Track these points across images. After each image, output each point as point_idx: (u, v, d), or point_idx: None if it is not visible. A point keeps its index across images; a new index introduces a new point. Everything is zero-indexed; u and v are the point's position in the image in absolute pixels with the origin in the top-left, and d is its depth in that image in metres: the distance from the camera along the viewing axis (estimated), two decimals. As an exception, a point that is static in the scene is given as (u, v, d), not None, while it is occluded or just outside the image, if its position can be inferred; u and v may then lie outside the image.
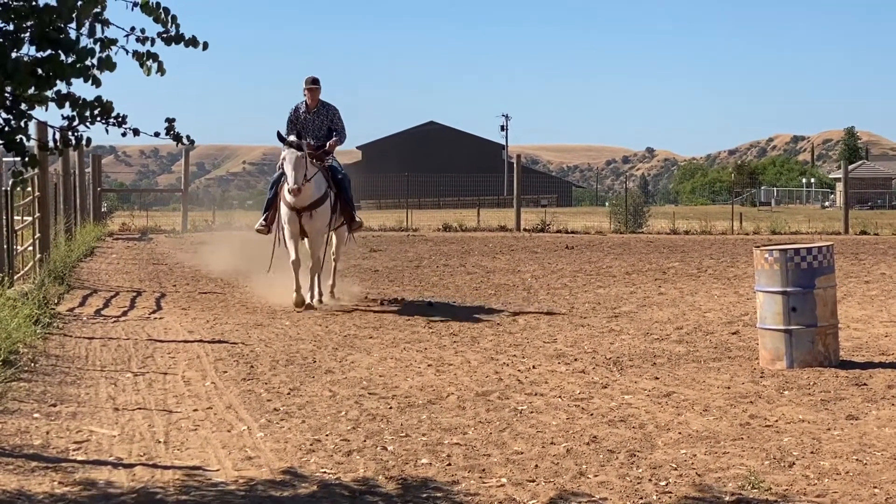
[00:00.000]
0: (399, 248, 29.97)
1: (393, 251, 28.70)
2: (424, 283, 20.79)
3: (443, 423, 9.29)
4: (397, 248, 29.52)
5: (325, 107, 17.46)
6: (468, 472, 7.82)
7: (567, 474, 7.75)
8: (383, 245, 30.68)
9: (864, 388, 10.74)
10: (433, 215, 45.74)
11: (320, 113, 17.40)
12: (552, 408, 9.93)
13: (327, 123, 17.41)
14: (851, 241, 33.04)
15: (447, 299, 18.32)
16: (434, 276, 22.06)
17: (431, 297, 18.47)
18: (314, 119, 17.36)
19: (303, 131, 16.99)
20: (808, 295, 11.89)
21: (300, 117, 17.34)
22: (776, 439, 8.66)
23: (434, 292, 19.33)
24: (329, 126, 17.39)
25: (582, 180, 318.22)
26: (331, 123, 17.41)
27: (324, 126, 17.40)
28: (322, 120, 17.40)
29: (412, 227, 39.14)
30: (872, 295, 18.68)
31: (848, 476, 7.60)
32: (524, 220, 38.18)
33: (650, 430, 9.05)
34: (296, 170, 16.26)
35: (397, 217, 41.64)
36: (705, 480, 7.55)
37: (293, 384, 11.01)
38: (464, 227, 37.82)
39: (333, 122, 17.42)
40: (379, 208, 66.82)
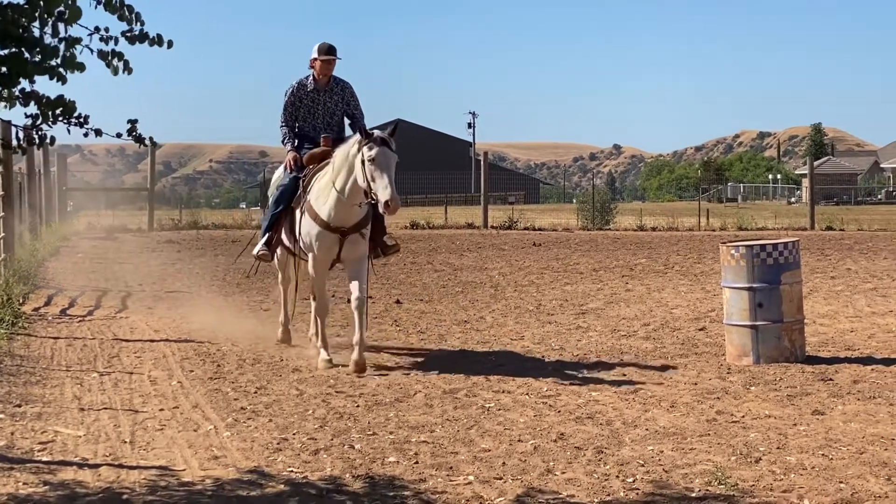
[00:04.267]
0: (366, 245, 29.86)
1: (360, 249, 28.60)
2: (392, 281, 20.76)
3: (410, 421, 9.27)
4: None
5: (339, 84, 12.75)
6: (435, 469, 7.80)
7: (534, 471, 7.74)
8: (351, 243, 30.61)
9: (829, 384, 10.78)
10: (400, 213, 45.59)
11: (334, 92, 12.69)
12: (520, 405, 9.93)
13: (342, 106, 12.80)
14: (817, 237, 33.20)
15: (415, 297, 18.30)
16: (401, 274, 22.04)
17: (399, 295, 18.44)
18: (326, 100, 12.69)
19: (309, 116, 12.74)
20: (774, 291, 11.94)
21: (306, 98, 12.67)
22: (743, 435, 8.69)
23: (401, 290, 19.31)
24: (345, 110, 12.85)
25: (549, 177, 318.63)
26: (346, 107, 12.80)
27: (338, 110, 12.80)
28: (336, 102, 12.74)
29: (380, 225, 38.98)
30: (838, 290, 18.78)
31: (814, 471, 7.63)
32: (491, 217, 38.20)
33: (617, 426, 9.06)
34: (392, 175, 11.30)
35: (365, 215, 41.52)
36: (672, 477, 7.56)
37: (260, 383, 10.98)
38: (431, 224, 37.81)
39: (350, 104, 12.80)
40: (346, 206, 66.63)
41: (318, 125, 12.74)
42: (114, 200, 50.85)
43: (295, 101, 12.71)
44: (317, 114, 12.75)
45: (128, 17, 6.59)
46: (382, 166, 11.20)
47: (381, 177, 11.16)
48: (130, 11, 6.59)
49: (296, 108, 12.73)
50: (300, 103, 12.71)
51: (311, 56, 12.60)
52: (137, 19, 6.63)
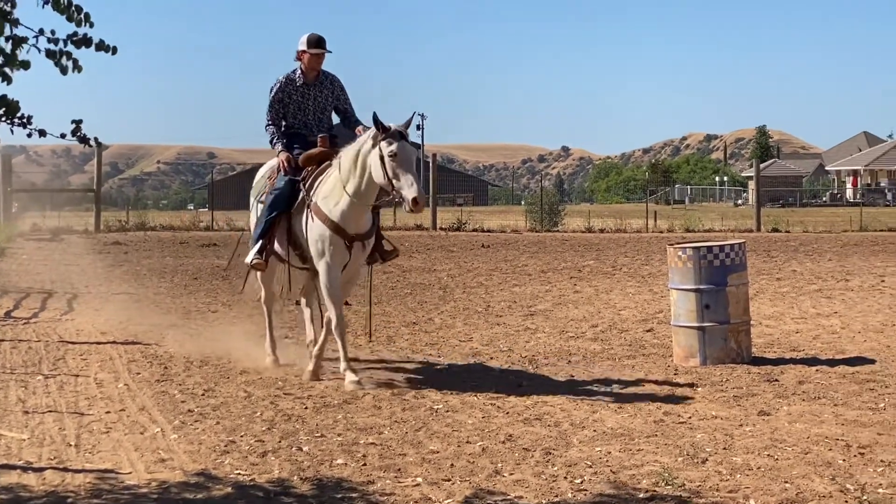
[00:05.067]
0: (315, 247, 29.81)
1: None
2: (340, 283, 20.68)
3: (358, 423, 9.25)
4: (313, 248, 29.36)
5: (328, 78, 11.89)
6: (384, 471, 7.79)
7: (482, 473, 7.74)
8: (299, 245, 30.55)
9: (775, 384, 10.86)
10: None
11: (323, 86, 11.84)
12: (468, 406, 9.93)
13: (332, 101, 11.96)
14: (763, 239, 33.45)
15: (365, 300, 18.25)
16: (350, 276, 21.96)
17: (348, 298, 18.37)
18: (316, 95, 11.83)
19: (299, 113, 11.86)
20: (720, 292, 12.01)
21: (295, 93, 11.77)
22: (689, 436, 8.73)
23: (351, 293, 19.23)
24: (335, 105, 12.03)
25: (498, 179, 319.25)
26: (337, 101, 11.97)
27: (328, 106, 11.96)
28: (326, 96, 11.89)
29: (328, 227, 38.95)
30: (784, 292, 18.92)
31: (760, 471, 7.67)
32: (440, 218, 38.24)
33: (565, 427, 9.08)
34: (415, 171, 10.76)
35: (313, 216, 41.45)
36: (620, 478, 7.59)
37: (208, 385, 10.92)
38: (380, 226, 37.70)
39: (340, 99, 11.98)
40: (295, 208, 66.53)
41: (309, 122, 11.85)
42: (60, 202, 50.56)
43: (283, 98, 11.75)
44: (307, 110, 11.84)
45: (77, 18, 6.52)
46: (405, 162, 10.56)
47: (405, 173, 10.51)
48: (79, 12, 6.52)
49: (284, 106, 11.79)
50: (289, 100, 11.77)
51: (298, 48, 11.66)
52: (87, 20, 6.56)
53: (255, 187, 12.36)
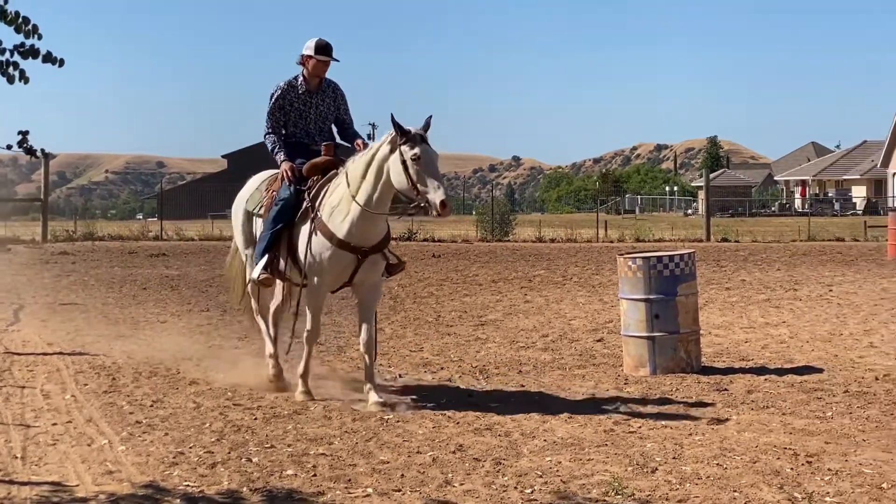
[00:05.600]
0: (265, 257, 29.70)
1: (259, 261, 28.44)
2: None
3: (308, 434, 9.22)
4: (263, 258, 29.25)
5: (330, 86, 11.35)
6: (334, 482, 7.76)
7: (433, 483, 7.73)
8: (249, 254, 30.42)
9: (724, 394, 10.91)
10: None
11: (325, 94, 11.30)
12: (419, 416, 9.92)
13: (333, 110, 11.40)
14: (713, 249, 33.64)
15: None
16: (300, 286, 21.91)
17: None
18: (318, 104, 11.27)
19: (301, 121, 11.28)
20: (670, 302, 12.06)
21: (297, 101, 11.21)
22: (639, 445, 8.75)
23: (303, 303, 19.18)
24: (337, 116, 11.46)
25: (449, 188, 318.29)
26: (338, 112, 11.42)
27: (330, 114, 11.39)
28: (328, 105, 11.33)
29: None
30: (733, 301, 19.02)
31: (709, 481, 7.70)
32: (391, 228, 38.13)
33: (516, 437, 9.08)
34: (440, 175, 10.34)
35: (263, 226, 41.30)
36: (570, 487, 7.59)
37: (156, 396, 10.85)
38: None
39: (341, 108, 11.44)
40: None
41: (310, 131, 11.28)
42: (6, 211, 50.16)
43: (284, 105, 11.17)
44: (308, 118, 11.27)
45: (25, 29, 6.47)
46: (429, 164, 10.08)
47: (429, 176, 10.03)
48: (27, 23, 6.47)
49: (285, 113, 11.20)
50: (290, 107, 11.20)
51: (303, 53, 11.09)
52: (35, 32, 6.51)
53: (250, 199, 11.63)
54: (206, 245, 37.27)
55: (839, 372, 12.05)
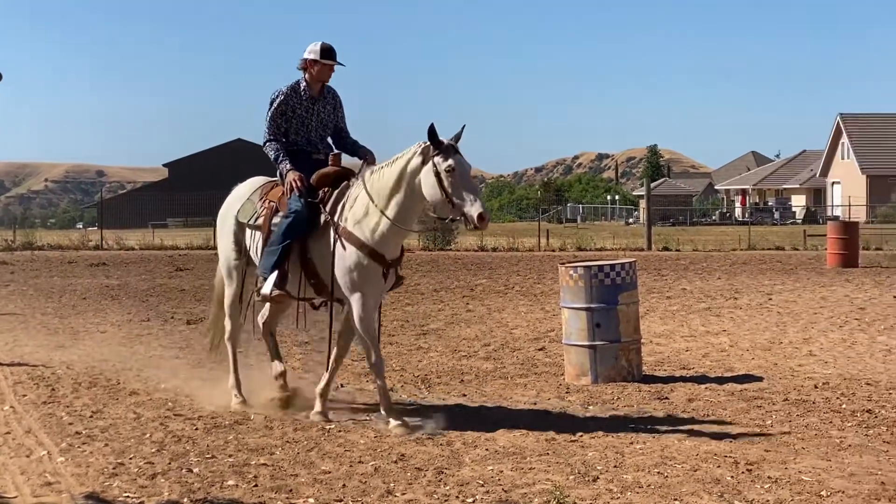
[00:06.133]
0: (207, 266, 29.57)
1: (200, 270, 28.38)
2: (232, 302, 20.54)
3: (250, 444, 9.18)
4: (205, 267, 29.15)
5: (331, 92, 10.82)
6: (275, 492, 7.73)
7: (374, 493, 7.72)
8: (190, 264, 30.34)
9: (665, 402, 10.97)
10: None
11: (326, 101, 10.76)
12: (360, 426, 9.90)
13: (334, 118, 10.86)
14: (654, 258, 33.81)
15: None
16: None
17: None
18: (319, 110, 10.71)
19: (302, 129, 10.70)
20: (611, 311, 12.11)
21: (300, 107, 10.63)
22: (581, 454, 8.77)
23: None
24: (336, 124, 10.93)
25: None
26: (337, 120, 10.90)
27: (330, 122, 10.84)
28: (329, 112, 10.79)
29: (220, 246, 38.70)
30: (674, 310, 19.13)
31: (650, 489, 7.73)
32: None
33: (458, 446, 9.09)
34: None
35: (205, 235, 41.20)
36: (511, 496, 7.60)
37: (96, 406, 10.77)
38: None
39: (339, 116, 10.91)
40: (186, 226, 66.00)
41: (312, 139, 10.71)
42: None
43: (286, 111, 10.57)
44: (310, 126, 10.68)
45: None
46: (465, 177, 9.66)
47: (465, 189, 9.57)
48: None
49: (286, 119, 10.59)
50: (292, 113, 10.59)
51: (305, 57, 10.56)
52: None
53: (242, 210, 10.93)
54: (147, 254, 37.09)
55: (779, 380, 12.14)
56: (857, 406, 10.76)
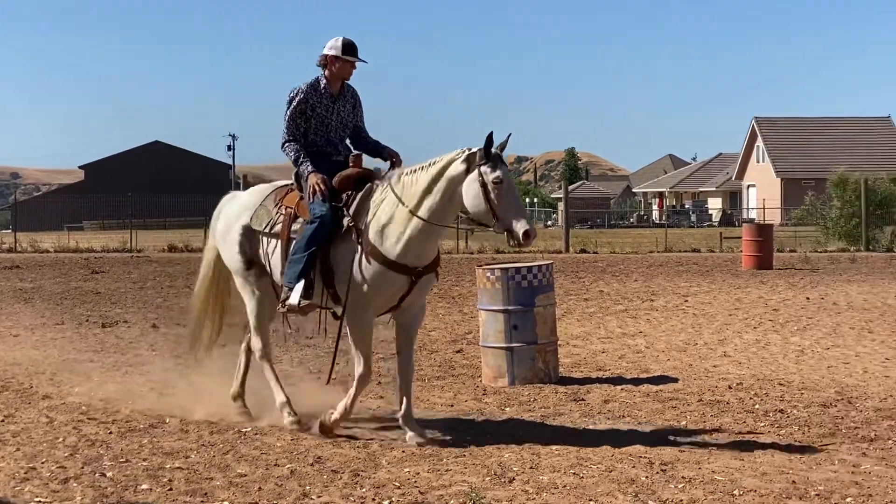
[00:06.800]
0: (123, 269, 29.41)
1: (116, 273, 28.13)
2: (149, 305, 20.41)
3: (165, 447, 9.11)
4: (121, 270, 28.96)
5: (350, 90, 10.23)
6: (190, 496, 7.68)
7: (291, 496, 7.69)
8: (106, 266, 30.06)
9: (581, 404, 11.02)
10: (159, 236, 45.06)
11: (346, 101, 10.18)
12: (277, 429, 9.86)
13: (353, 118, 10.27)
14: (572, 260, 33.99)
15: (172, 321, 18.00)
16: (159, 298, 21.69)
17: (156, 320, 18.13)
18: (339, 109, 10.13)
19: (322, 129, 10.10)
20: (528, 313, 12.15)
21: (319, 105, 10.02)
22: (497, 455, 8.80)
23: (158, 314, 18.99)
24: (355, 124, 10.34)
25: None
26: (357, 119, 10.31)
27: (349, 122, 10.24)
28: (349, 111, 10.20)
29: (136, 249, 38.47)
30: (591, 312, 19.23)
31: (566, 490, 7.77)
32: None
33: (374, 449, 9.08)
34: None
35: (121, 238, 40.90)
36: (428, 498, 7.61)
37: (7, 411, 10.63)
38: (190, 247, 37.33)
39: (359, 115, 10.33)
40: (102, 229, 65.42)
41: (332, 139, 10.11)
42: None
43: (306, 110, 9.96)
44: (330, 125, 10.07)
45: None
46: (512, 190, 9.18)
47: (511, 202, 9.09)
48: None
49: (306, 119, 9.98)
50: (312, 112, 9.98)
51: (325, 53, 9.98)
52: None
53: (255, 216, 10.27)
54: (62, 257, 36.69)
55: (693, 381, 12.25)
56: (769, 406, 10.90)
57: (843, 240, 41.50)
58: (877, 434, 9.78)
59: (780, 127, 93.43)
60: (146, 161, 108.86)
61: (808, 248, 39.11)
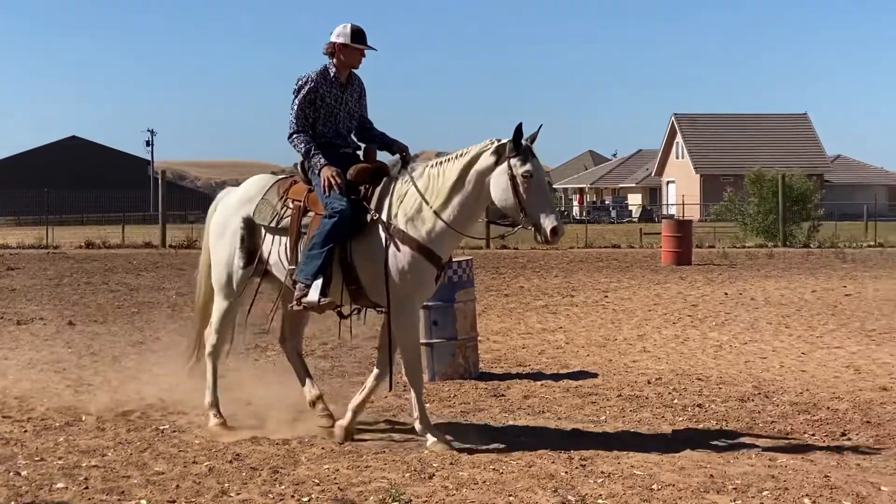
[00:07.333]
0: (38, 265, 29.05)
1: (32, 269, 27.79)
2: (65, 302, 20.17)
3: (81, 446, 9.01)
4: (37, 266, 28.60)
5: (357, 81, 9.80)
6: (106, 494, 7.59)
7: (209, 493, 7.63)
8: (21, 263, 29.70)
9: (502, 399, 11.04)
10: (76, 232, 44.51)
11: (354, 90, 9.74)
12: (195, 426, 9.79)
13: (359, 109, 9.83)
14: (493, 255, 34.03)
15: (88, 318, 17.82)
16: (75, 295, 21.44)
17: (72, 317, 17.93)
18: (347, 99, 9.67)
19: (330, 120, 9.62)
20: (448, 309, 12.16)
21: (328, 95, 9.55)
22: (417, 451, 8.79)
23: (75, 311, 18.77)
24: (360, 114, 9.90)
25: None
26: (362, 110, 9.88)
27: (356, 113, 9.79)
28: (356, 101, 9.76)
29: (53, 245, 38.04)
30: (511, 308, 19.28)
31: (485, 485, 7.77)
32: (170, 236, 37.68)
33: (294, 446, 9.04)
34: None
35: (37, 234, 40.43)
36: (347, 494, 7.58)
37: (-80, 410, 10.46)
38: (107, 244, 37.00)
39: (364, 107, 9.90)
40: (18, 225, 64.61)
41: (340, 130, 9.65)
42: None
43: (315, 99, 9.46)
44: (338, 116, 9.60)
45: None
46: (541, 185, 8.94)
47: (540, 198, 8.88)
48: None
49: (315, 109, 9.48)
50: (321, 102, 9.49)
51: (333, 41, 9.53)
52: None
53: (258, 210, 9.76)
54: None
55: (613, 376, 12.32)
56: (688, 401, 10.98)
57: (761, 235, 41.97)
58: (793, 428, 9.90)
59: (700, 124, 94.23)
60: (63, 156, 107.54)
61: (726, 244, 39.53)
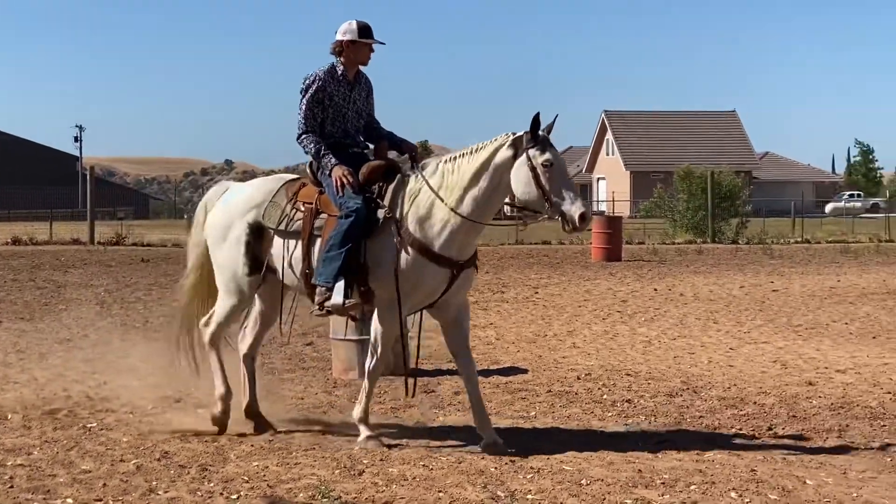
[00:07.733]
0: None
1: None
2: (-9, 299, 19.94)
3: (6, 444, 8.90)
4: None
5: (365, 79, 9.54)
6: (32, 493, 7.51)
7: (136, 492, 7.57)
8: (-53, 259, 29.30)
9: (432, 395, 11.06)
10: (2, 228, 44.01)
11: (362, 88, 9.49)
12: (123, 424, 9.72)
13: (367, 108, 9.57)
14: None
15: (15, 315, 17.64)
16: (1, 292, 21.21)
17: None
18: (355, 98, 9.43)
19: (339, 119, 9.38)
20: (379, 305, 12.12)
21: (336, 94, 9.32)
22: (347, 448, 8.78)
23: (1, 308, 18.57)
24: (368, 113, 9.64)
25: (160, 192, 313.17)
26: (369, 108, 9.61)
27: (364, 112, 9.53)
28: (364, 99, 9.50)
29: (-22, 241, 37.61)
30: (442, 304, 19.26)
31: (415, 481, 7.77)
32: (99, 232, 37.36)
33: (223, 443, 9.00)
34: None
35: (-36, 231, 39.93)
36: (277, 491, 7.55)
37: None
38: (34, 240, 36.60)
39: (371, 105, 9.63)
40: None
41: (348, 130, 9.41)
42: None
43: (323, 98, 9.23)
44: (347, 115, 9.36)
45: None
46: (563, 172, 8.87)
47: (564, 185, 8.76)
48: None
49: (323, 108, 9.25)
50: (329, 101, 9.25)
51: (340, 38, 9.26)
52: None
53: (267, 213, 9.48)
54: None
55: (543, 372, 12.37)
56: (617, 396, 11.05)
57: (690, 232, 42.27)
58: (720, 422, 9.99)
59: (630, 121, 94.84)
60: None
61: (656, 241, 39.78)
